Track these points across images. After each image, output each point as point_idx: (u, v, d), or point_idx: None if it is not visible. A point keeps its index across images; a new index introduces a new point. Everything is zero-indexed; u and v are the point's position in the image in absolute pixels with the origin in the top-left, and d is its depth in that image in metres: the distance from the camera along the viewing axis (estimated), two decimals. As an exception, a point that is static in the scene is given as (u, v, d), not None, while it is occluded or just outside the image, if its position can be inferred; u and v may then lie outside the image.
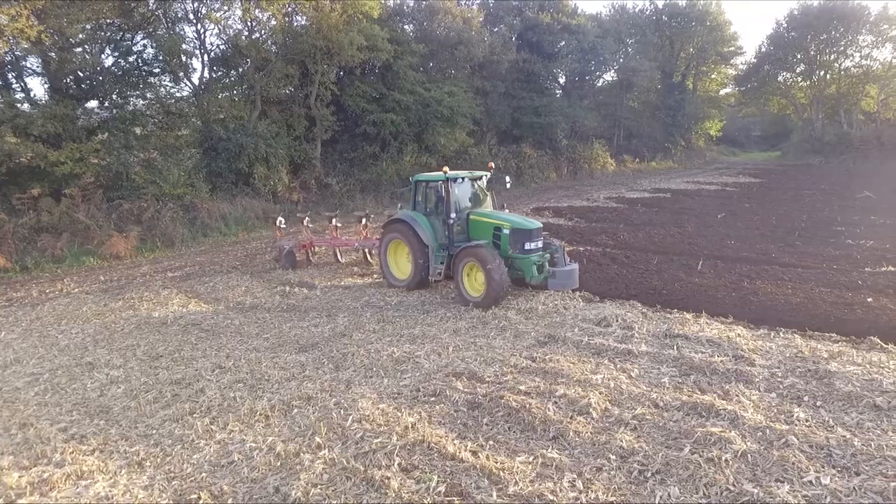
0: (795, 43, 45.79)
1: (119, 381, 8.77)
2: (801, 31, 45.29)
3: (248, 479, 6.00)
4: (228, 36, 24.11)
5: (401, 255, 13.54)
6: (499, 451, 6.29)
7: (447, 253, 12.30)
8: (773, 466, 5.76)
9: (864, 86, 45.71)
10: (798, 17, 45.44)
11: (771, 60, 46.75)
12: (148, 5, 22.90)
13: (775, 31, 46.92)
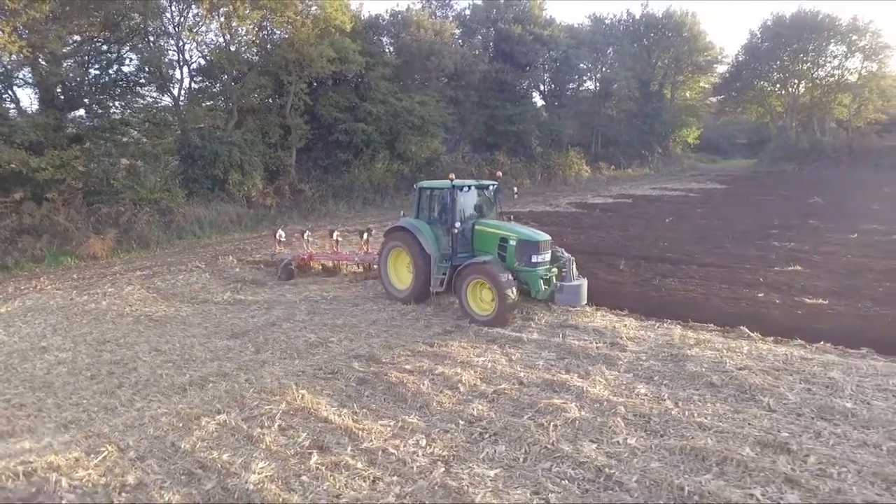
0: (769, 52, 46.86)
1: (66, 362, 9.89)
2: (774, 41, 46.40)
3: (152, 436, 7.10)
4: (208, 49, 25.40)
5: (401, 265, 12.86)
6: (368, 417, 7.38)
7: (450, 264, 11.71)
8: (593, 430, 6.84)
9: (837, 95, 46.77)
10: (771, 28, 46.56)
11: (747, 69, 47.82)
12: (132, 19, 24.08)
13: (750, 41, 48.14)
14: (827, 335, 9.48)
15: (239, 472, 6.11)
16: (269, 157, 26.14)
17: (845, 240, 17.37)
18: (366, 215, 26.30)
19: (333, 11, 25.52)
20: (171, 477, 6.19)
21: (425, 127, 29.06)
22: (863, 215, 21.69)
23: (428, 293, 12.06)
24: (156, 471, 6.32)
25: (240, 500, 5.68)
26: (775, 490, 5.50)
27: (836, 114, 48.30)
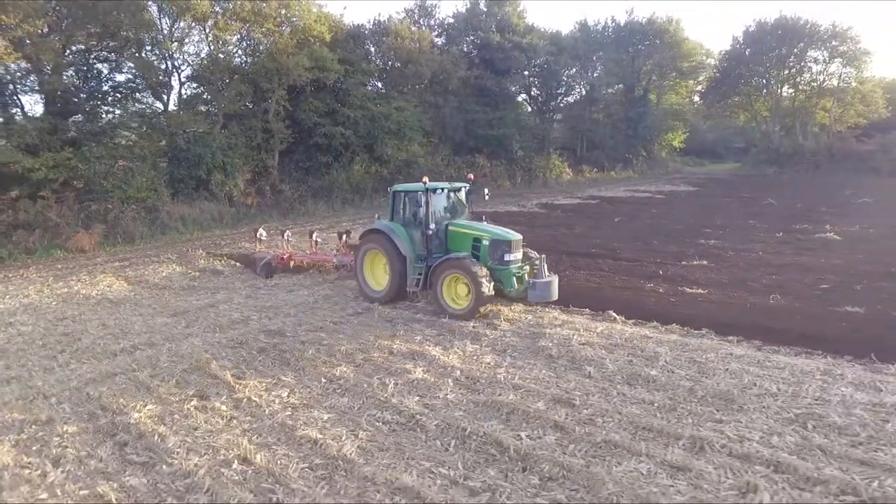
0: (752, 58, 47.63)
1: (24, 333, 11.51)
2: (756, 47, 47.18)
3: (74, 388, 8.66)
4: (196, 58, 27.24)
5: (377, 267, 13.15)
6: (252, 376, 8.88)
7: (425, 264, 12.05)
8: (424, 388, 8.29)
9: (819, 100, 47.48)
10: (754, 33, 47.36)
11: (730, 75, 48.64)
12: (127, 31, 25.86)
13: (733, 47, 48.95)
14: (683, 319, 10.76)
15: (129, 412, 7.64)
16: (252, 160, 27.81)
17: (769, 238, 18.56)
18: (344, 215, 27.86)
19: (312, 23, 27.20)
20: (76, 415, 7.75)
21: (402, 131, 30.59)
22: (802, 216, 22.79)
23: (404, 293, 12.46)
24: (66, 411, 7.88)
25: (120, 431, 7.21)
26: (540, 433, 6.88)
27: (819, 118, 49.00)
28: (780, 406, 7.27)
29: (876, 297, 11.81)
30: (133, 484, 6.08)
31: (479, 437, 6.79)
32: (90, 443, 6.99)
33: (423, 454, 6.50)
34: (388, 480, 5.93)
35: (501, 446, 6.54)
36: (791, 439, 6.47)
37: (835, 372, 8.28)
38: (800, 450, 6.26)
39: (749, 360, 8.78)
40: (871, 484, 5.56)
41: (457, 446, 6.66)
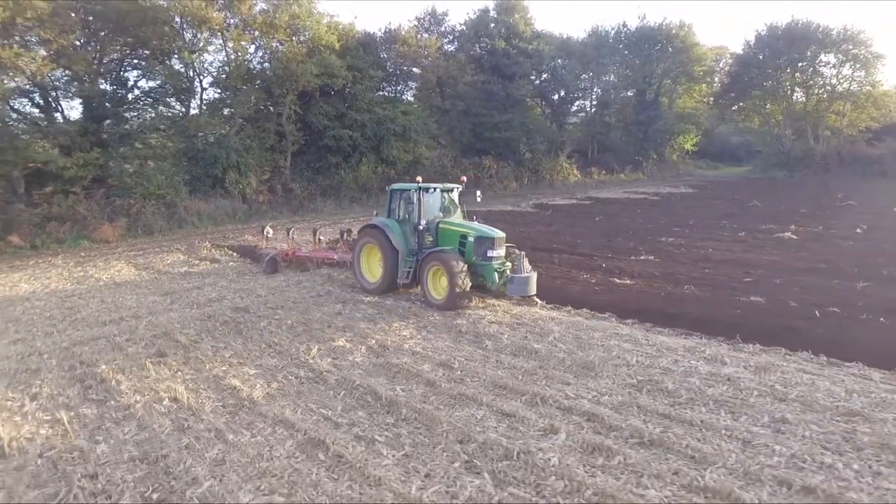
0: (764, 62, 47.54)
1: (37, 308, 13.51)
2: (768, 51, 47.08)
3: (64, 348, 10.46)
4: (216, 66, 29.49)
5: (373, 260, 13.89)
6: (208, 342, 10.57)
7: (415, 258, 12.75)
8: (341, 353, 9.81)
9: (831, 103, 47.16)
10: (765, 38, 47.29)
11: (742, 80, 48.65)
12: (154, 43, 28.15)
13: (744, 52, 48.89)
14: (596, 304, 12.07)
15: (99, 364, 9.42)
16: (265, 160, 29.84)
17: (729, 237, 19.50)
18: (350, 212, 29.65)
19: (322, 33, 29.07)
20: (58, 367, 9.54)
21: (408, 134, 32.24)
22: (777, 217, 23.50)
23: (395, 285, 13.22)
24: (52, 364, 9.68)
25: (88, 378, 8.97)
26: (413, 387, 8.34)
27: (831, 122, 48.65)
28: (628, 374, 8.55)
29: (786, 289, 12.82)
30: (85, 413, 7.80)
31: (363, 388, 8.30)
32: (63, 385, 8.76)
33: (314, 400, 8.05)
34: (276, 415, 7.50)
35: (377, 395, 8.04)
36: (619, 399, 7.75)
37: (697, 349, 9.49)
38: (619, 406, 7.54)
39: (628, 339, 10.06)
40: (657, 430, 6.84)
41: (344, 395, 8.18)
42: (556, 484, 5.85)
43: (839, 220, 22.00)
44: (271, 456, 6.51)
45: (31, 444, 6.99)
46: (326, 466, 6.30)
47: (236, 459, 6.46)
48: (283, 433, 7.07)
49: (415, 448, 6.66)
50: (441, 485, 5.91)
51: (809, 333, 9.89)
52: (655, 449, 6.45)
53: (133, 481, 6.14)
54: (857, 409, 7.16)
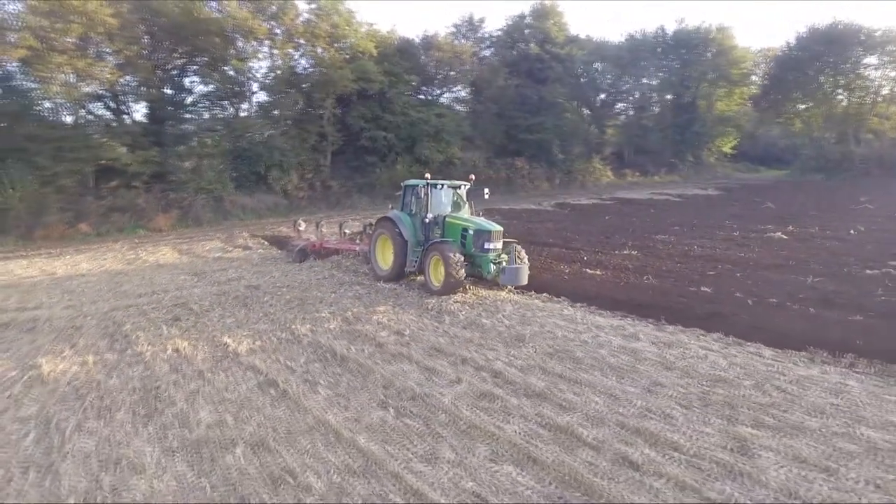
0: (805, 64, 46.54)
1: (90, 282, 15.95)
2: (809, 53, 46.05)
3: (103, 312, 12.69)
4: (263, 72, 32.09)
5: (386, 250, 14.86)
6: (217, 311, 12.55)
7: (422, 248, 13.63)
8: (320, 321, 11.55)
9: (875, 105, 45.73)
10: (805, 39, 46.27)
11: (782, 82, 47.74)
12: (211, 53, 30.89)
13: (785, 54, 47.90)
14: (558, 290, 13.33)
15: (126, 324, 11.55)
16: (306, 159, 32.15)
17: (723, 236, 20.19)
18: (384, 208, 31.30)
19: (360, 41, 31.17)
20: (96, 326, 11.72)
21: (440, 135, 33.95)
22: (781, 218, 23.82)
23: (404, 272, 14.26)
24: (92, 324, 11.87)
25: (116, 334, 11.09)
26: (364, 348, 10.00)
27: (874, 125, 47.16)
28: (549, 345, 9.92)
29: (741, 282, 13.73)
30: (107, 357, 9.85)
31: (325, 348, 10.03)
32: (96, 338, 10.90)
33: (285, 354, 9.83)
34: (249, 364, 9.33)
35: (334, 353, 9.76)
36: (529, 362, 9.14)
37: (622, 328, 10.74)
38: (525, 368, 8.96)
39: (567, 318, 11.40)
40: (544, 385, 8.25)
41: (309, 353, 9.92)
42: (441, 417, 7.41)
43: (842, 221, 22.23)
44: (234, 390, 8.34)
45: (64, 376, 9.06)
46: (273, 398, 8.07)
47: (207, 391, 8.32)
48: (249, 376, 8.89)
49: (346, 390, 8.35)
50: (352, 413, 7.57)
51: (733, 318, 10.97)
52: (535, 398, 7.89)
53: (129, 402, 8.08)
54: (726, 377, 8.34)
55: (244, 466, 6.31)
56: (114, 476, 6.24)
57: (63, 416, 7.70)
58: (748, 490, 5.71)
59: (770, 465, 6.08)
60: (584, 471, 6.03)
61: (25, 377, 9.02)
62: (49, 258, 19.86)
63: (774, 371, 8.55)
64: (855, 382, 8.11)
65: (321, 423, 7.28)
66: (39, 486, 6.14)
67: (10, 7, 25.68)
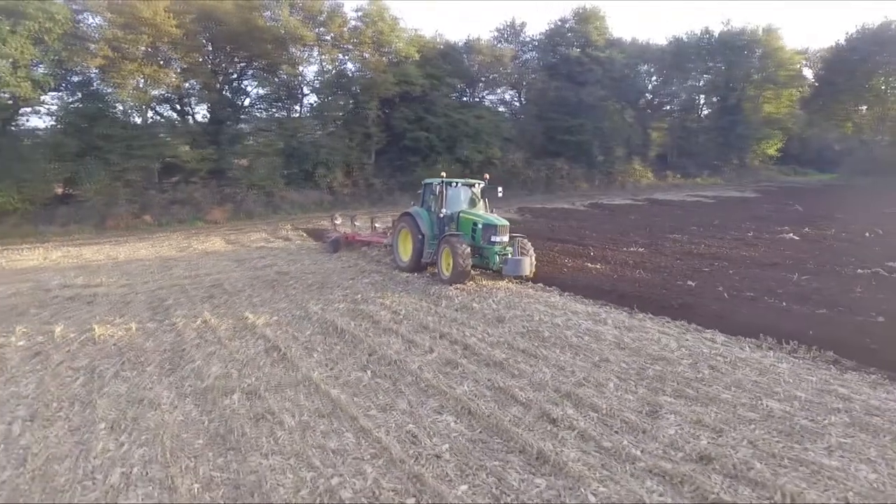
0: (856, 65, 44.98)
1: (146, 265, 18.00)
2: (860, 54, 44.49)
3: (150, 290, 14.58)
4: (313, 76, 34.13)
5: (407, 242, 15.84)
6: (247, 292, 14.21)
7: (437, 241, 14.58)
8: (332, 302, 13.01)
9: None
10: (856, 40, 44.66)
11: (831, 84, 46.25)
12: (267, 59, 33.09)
13: (834, 55, 46.35)
14: (552, 281, 14.32)
15: (168, 300, 13.35)
16: (351, 157, 33.95)
17: (736, 236, 20.55)
18: (422, 205, 33.09)
19: (404, 46, 32.73)
20: (144, 301, 13.57)
21: (479, 136, 35.10)
22: (803, 220, 23.88)
23: (421, 263, 15.26)
24: (140, 299, 13.74)
25: (158, 307, 12.88)
26: (363, 324, 11.39)
27: None
28: (524, 325, 11.03)
29: (730, 278, 14.32)
30: (148, 326, 11.60)
31: (329, 323, 11.45)
32: (141, 311, 12.71)
33: (295, 327, 11.32)
34: (261, 333, 10.86)
35: (336, 327, 11.17)
36: (499, 339, 10.26)
37: (595, 314, 11.72)
38: (495, 343, 10.09)
39: (549, 304, 12.47)
40: (505, 357, 9.41)
41: (315, 327, 11.36)
42: (407, 378, 8.69)
43: (865, 224, 22.08)
44: (244, 353, 9.87)
45: (111, 338, 10.83)
46: (273, 360, 9.56)
47: (222, 353, 9.89)
48: (259, 343, 10.42)
49: (336, 356, 9.74)
50: (335, 372, 8.96)
51: (702, 309, 11.74)
52: (492, 367, 9.06)
53: (159, 359, 9.72)
54: (669, 357, 9.27)
55: (237, 407, 7.78)
56: (136, 410, 7.82)
57: (105, 367, 9.41)
58: (639, 442, 6.73)
59: (669, 425, 7.07)
60: (508, 423, 7.18)
61: (82, 338, 10.84)
62: (115, 245, 22.24)
63: (716, 353, 9.40)
64: (786, 365, 8.92)
65: (307, 378, 8.69)
66: (81, 415, 7.77)
67: (91, 21, 28.45)
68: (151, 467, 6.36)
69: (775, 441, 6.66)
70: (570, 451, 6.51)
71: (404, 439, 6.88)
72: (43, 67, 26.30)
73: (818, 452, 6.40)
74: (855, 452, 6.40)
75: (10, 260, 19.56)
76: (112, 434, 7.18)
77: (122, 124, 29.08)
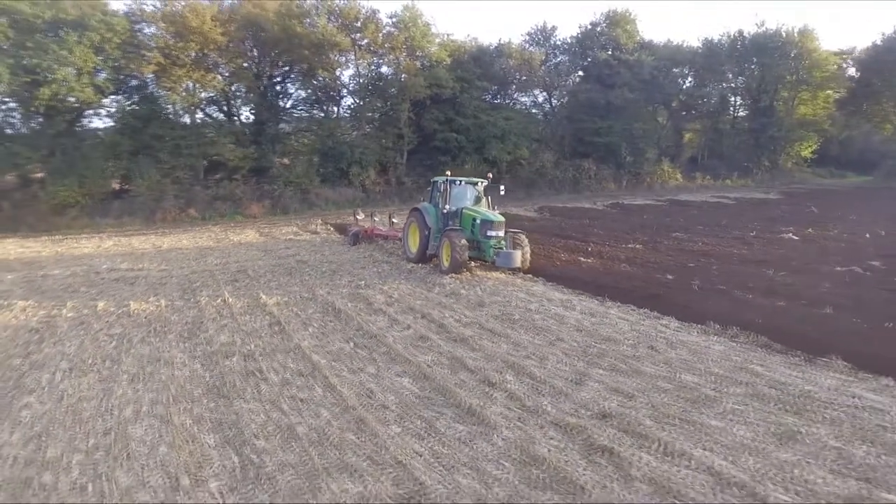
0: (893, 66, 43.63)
1: (182, 254, 19.94)
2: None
3: (183, 274, 16.41)
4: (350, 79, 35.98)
5: (415, 236, 17.02)
6: (267, 277, 15.86)
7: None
8: (336, 287, 14.51)
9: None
10: (893, 39, 43.32)
11: (869, 84, 45.01)
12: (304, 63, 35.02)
13: (871, 55, 45.05)
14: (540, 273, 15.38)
15: (196, 282, 15.11)
16: (385, 157, 35.58)
17: (737, 236, 21.00)
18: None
19: (435, 51, 34.20)
20: (176, 283, 15.38)
21: (507, 137, 36.21)
22: (813, 221, 24.08)
23: (426, 255, 16.57)
24: (174, 281, 15.56)
25: (187, 288, 14.64)
26: (360, 304, 12.82)
27: None
28: (500, 309, 12.21)
29: (710, 273, 15.07)
30: (176, 303, 13.34)
31: (330, 304, 12.92)
32: (172, 290, 14.51)
33: (300, 307, 12.84)
34: (269, 311, 12.43)
35: (335, 308, 12.63)
36: (471, 320, 11.45)
37: (568, 301, 12.80)
38: (468, 323, 11.35)
39: (529, 292, 13.62)
40: (470, 334, 10.66)
41: (317, 307, 12.85)
42: (381, 349, 10.07)
43: (872, 226, 22.25)
44: (250, 326, 11.45)
45: (143, 312, 12.60)
46: (273, 332, 11.09)
47: (232, 325, 11.49)
48: (266, 318, 12.00)
49: (328, 330, 11.19)
50: (322, 342, 10.41)
51: (668, 299, 12.64)
52: (458, 343, 10.33)
53: (179, 330, 11.38)
54: (616, 338, 10.32)
55: (234, 366, 9.31)
56: (153, 367, 9.43)
57: (135, 334, 11.13)
58: (558, 402, 7.88)
59: (588, 391, 8.18)
60: (452, 385, 8.45)
61: (119, 311, 12.67)
62: (160, 236, 24.43)
63: (662, 336, 10.40)
64: (720, 347, 9.85)
65: (297, 346, 10.17)
66: (109, 369, 9.43)
67: (147, 31, 30.91)
68: (156, 407, 7.91)
69: (675, 405, 7.68)
70: (496, 407, 7.73)
71: (362, 394, 8.24)
72: (103, 74, 28.84)
73: (708, 415, 7.40)
74: (740, 417, 7.36)
75: (70, 248, 21.89)
76: (131, 384, 8.79)
77: (172, 125, 31.43)
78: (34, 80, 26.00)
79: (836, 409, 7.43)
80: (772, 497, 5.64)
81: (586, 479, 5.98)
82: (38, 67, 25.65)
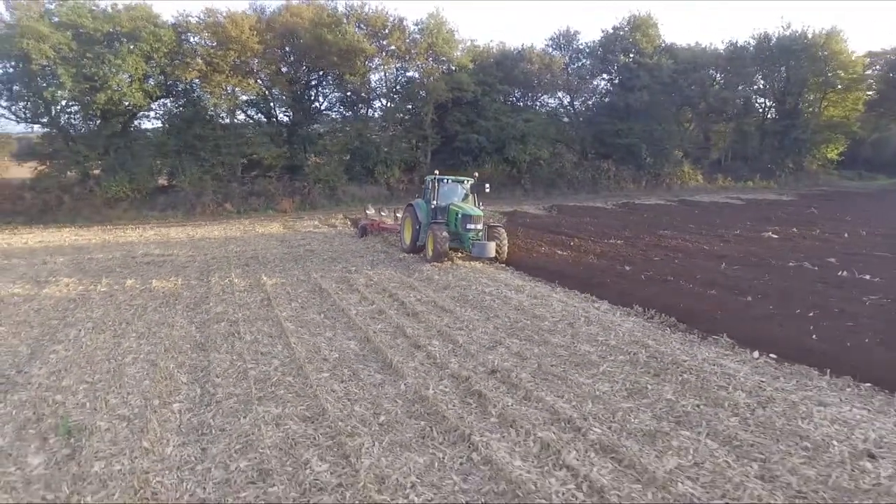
0: None
1: (210, 243, 22.41)
2: None
3: (203, 260, 18.82)
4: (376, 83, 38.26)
5: (409, 229, 18.84)
6: (276, 263, 18.09)
7: None
8: (329, 271, 16.57)
9: None
10: None
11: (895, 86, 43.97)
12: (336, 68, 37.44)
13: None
14: (516, 264, 17.07)
15: (212, 265, 17.45)
16: (410, 157, 37.63)
17: (722, 234, 21.98)
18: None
19: (459, 56, 36.07)
20: (197, 267, 17.76)
21: (526, 139, 37.69)
22: (805, 222, 24.70)
23: (417, 247, 18.33)
24: (195, 265, 17.95)
25: (205, 271, 17.00)
26: (344, 287, 14.83)
27: None
28: (460, 292, 13.97)
29: (670, 266, 16.35)
30: (192, 283, 15.65)
31: (320, 287, 14.93)
32: (193, 272, 16.87)
33: (292, 287, 14.92)
34: (265, 290, 14.55)
35: (321, 289, 14.65)
36: (430, 299, 13.27)
37: (522, 287, 14.42)
38: (428, 302, 13.19)
39: (493, 278, 15.34)
40: (426, 312, 12.47)
41: (307, 287, 14.93)
42: (343, 320, 12.02)
43: (861, 227, 22.79)
44: (244, 300, 13.60)
45: (162, 289, 14.93)
46: (261, 305, 13.21)
47: (230, 300, 13.67)
48: (260, 294, 14.16)
49: (308, 305, 13.23)
50: (298, 314, 12.45)
51: (611, 286, 14.07)
52: (409, 317, 12.18)
53: (186, 303, 13.63)
54: (543, 315, 11.92)
55: (220, 329, 11.43)
56: (157, 329, 11.64)
57: (151, 305, 13.45)
58: (463, 361, 9.61)
59: (494, 354, 9.83)
60: (385, 347, 10.28)
61: (142, 288, 15.07)
62: (196, 227, 27.12)
63: (584, 315, 11.95)
64: (629, 325, 11.36)
65: (275, 316, 12.23)
66: (123, 329, 11.68)
67: (192, 40, 33.84)
68: (150, 356, 10.06)
69: (559, 367, 9.27)
70: (412, 363, 9.55)
71: (311, 351, 10.18)
72: (152, 80, 31.91)
73: (583, 376, 8.95)
74: (608, 377, 8.86)
75: (117, 236, 24.78)
76: (137, 340, 11.01)
77: (213, 126, 34.26)
78: (92, 87, 29.11)
79: (692, 374, 8.83)
80: (588, 429, 7.21)
81: (452, 413, 7.71)
82: (97, 75, 28.72)
